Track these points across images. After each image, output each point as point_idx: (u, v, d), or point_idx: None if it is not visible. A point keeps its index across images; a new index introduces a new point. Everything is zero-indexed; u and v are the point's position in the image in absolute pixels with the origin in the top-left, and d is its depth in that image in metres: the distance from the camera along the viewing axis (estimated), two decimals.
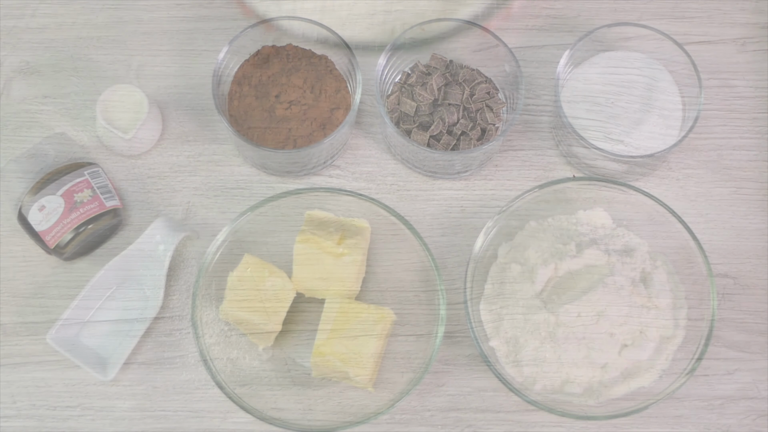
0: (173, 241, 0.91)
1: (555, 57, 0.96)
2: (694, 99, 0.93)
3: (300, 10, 0.99)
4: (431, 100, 0.94)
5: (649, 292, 0.87)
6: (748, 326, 0.93)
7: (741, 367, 0.91)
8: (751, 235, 0.95)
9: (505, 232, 0.92)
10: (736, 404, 0.90)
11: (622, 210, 0.92)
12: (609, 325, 0.85)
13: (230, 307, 0.86)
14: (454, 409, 0.90)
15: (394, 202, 0.95)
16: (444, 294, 0.88)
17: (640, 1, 1.03)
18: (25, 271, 0.93)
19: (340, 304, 0.87)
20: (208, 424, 0.89)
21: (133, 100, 0.94)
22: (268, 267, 0.88)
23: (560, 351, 0.85)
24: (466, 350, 0.91)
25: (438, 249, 0.94)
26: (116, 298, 0.91)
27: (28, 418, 0.89)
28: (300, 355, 0.91)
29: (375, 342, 0.85)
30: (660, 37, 0.94)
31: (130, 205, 0.95)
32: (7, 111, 0.98)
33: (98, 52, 1.00)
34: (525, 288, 0.87)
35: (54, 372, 0.91)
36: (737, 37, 1.02)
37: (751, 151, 0.98)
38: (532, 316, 0.86)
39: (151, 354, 0.91)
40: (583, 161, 0.95)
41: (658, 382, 0.87)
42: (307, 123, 0.93)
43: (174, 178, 0.96)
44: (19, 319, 0.92)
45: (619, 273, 0.86)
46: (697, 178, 0.97)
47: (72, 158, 0.92)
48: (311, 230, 0.88)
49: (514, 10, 1.00)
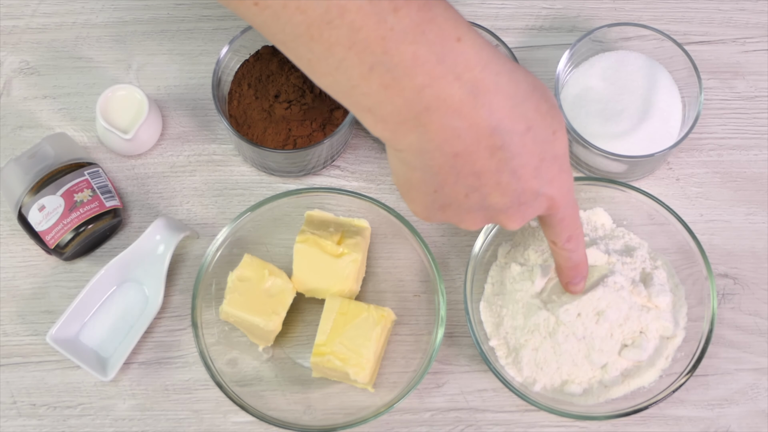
0: (173, 241, 0.91)
1: (555, 57, 0.96)
2: (694, 99, 0.93)
3: None
4: None
5: (649, 292, 0.87)
6: (748, 326, 0.93)
7: (741, 367, 0.91)
8: (751, 235, 0.95)
9: (505, 232, 0.92)
10: (736, 404, 0.90)
11: (622, 210, 0.92)
12: (609, 325, 0.85)
13: (230, 307, 0.86)
14: (454, 409, 0.90)
15: (394, 202, 0.95)
16: (444, 294, 0.88)
17: (640, 1, 1.03)
18: (25, 271, 0.93)
19: (340, 304, 0.87)
20: (208, 424, 0.89)
21: (133, 100, 0.94)
22: (268, 267, 0.88)
23: (560, 351, 0.85)
24: (466, 350, 0.91)
25: (438, 249, 0.94)
26: (116, 298, 0.91)
27: (28, 418, 0.89)
28: (300, 355, 0.91)
29: (375, 342, 0.85)
30: (660, 37, 0.94)
31: (130, 205, 0.95)
32: (7, 111, 0.98)
33: (98, 52, 1.00)
34: (525, 288, 0.87)
35: (54, 372, 0.91)
36: (737, 37, 1.02)
37: (751, 151, 0.98)
38: (532, 316, 0.86)
39: (151, 354, 0.91)
40: (583, 161, 0.95)
41: (658, 382, 0.87)
42: (307, 123, 0.93)
43: (174, 178, 0.96)
44: (19, 319, 0.92)
45: (619, 273, 0.86)
46: (697, 178, 0.97)
47: (72, 158, 0.92)
48: (311, 230, 0.88)
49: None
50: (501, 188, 0.66)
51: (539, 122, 0.66)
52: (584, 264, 0.79)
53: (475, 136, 0.64)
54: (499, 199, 0.67)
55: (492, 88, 0.63)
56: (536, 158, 0.66)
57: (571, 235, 0.74)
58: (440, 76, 0.62)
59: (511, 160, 0.65)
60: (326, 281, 0.88)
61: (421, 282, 0.91)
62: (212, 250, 0.89)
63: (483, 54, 0.64)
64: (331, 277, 0.88)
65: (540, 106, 0.66)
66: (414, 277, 0.91)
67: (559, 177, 0.68)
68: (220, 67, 0.93)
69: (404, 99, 0.63)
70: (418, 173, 0.67)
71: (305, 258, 0.88)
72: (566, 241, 0.74)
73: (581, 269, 0.78)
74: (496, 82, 0.64)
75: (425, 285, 0.90)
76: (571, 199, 0.71)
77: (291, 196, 0.90)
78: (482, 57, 0.63)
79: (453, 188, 0.67)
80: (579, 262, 0.77)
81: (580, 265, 0.78)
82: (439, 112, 0.63)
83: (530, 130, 0.65)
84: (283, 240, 0.92)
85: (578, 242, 0.75)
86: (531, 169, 0.66)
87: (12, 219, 0.92)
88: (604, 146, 0.92)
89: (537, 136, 0.66)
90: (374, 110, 0.64)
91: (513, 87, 0.64)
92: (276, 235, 0.92)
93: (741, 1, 1.03)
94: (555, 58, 0.96)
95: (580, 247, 0.76)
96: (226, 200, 0.96)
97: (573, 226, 0.73)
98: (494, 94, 0.63)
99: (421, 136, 0.64)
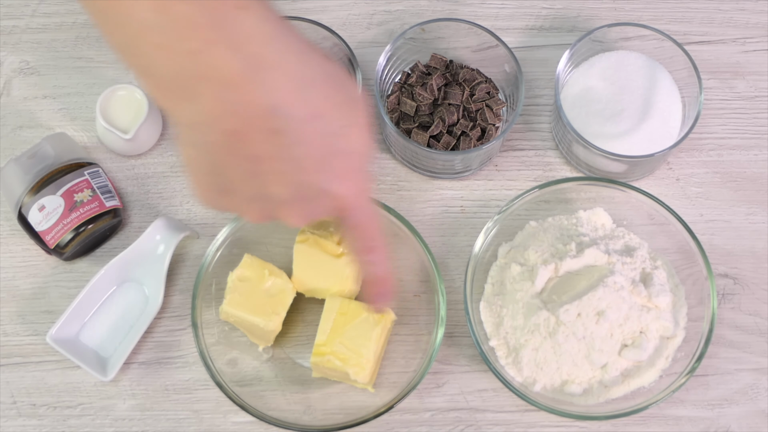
0: (173, 241, 0.91)
1: (555, 57, 0.96)
2: (694, 99, 0.93)
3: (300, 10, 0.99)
4: (431, 100, 0.94)
5: (649, 292, 0.87)
6: (748, 326, 0.93)
7: (741, 367, 0.91)
8: (751, 235, 0.95)
9: (505, 232, 0.92)
10: (736, 404, 0.90)
11: (622, 210, 0.92)
12: (609, 325, 0.85)
13: (230, 307, 0.86)
14: (454, 409, 0.90)
15: (394, 202, 0.95)
16: (444, 294, 0.88)
17: (640, 1, 1.03)
18: (25, 271, 0.93)
19: (340, 304, 0.86)
20: (208, 424, 0.89)
21: (133, 100, 0.94)
22: (268, 267, 0.88)
23: (560, 351, 0.85)
24: (466, 350, 0.91)
25: (438, 249, 0.94)
26: (116, 298, 0.91)
27: (28, 418, 0.89)
28: (300, 355, 0.91)
29: (375, 342, 0.85)
30: (660, 37, 0.94)
31: (130, 205, 0.95)
32: (7, 111, 0.98)
33: (98, 52, 1.00)
34: (525, 288, 0.87)
35: (54, 372, 0.91)
36: (737, 37, 1.02)
37: (751, 151, 0.98)
38: (532, 316, 0.86)
39: (151, 354, 0.91)
40: (583, 161, 0.95)
41: (658, 382, 0.87)
42: None
43: (174, 178, 0.96)
44: (19, 319, 0.92)
45: (619, 273, 0.86)
46: (697, 178, 0.97)
47: (72, 158, 0.92)
48: (311, 230, 0.88)
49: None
50: (280, 177, 0.60)
51: (329, 112, 0.60)
52: (389, 280, 0.71)
53: (252, 115, 0.58)
54: (278, 189, 0.61)
55: (274, 65, 0.58)
56: (322, 150, 0.60)
57: (371, 247, 0.67)
58: (214, 42, 0.57)
59: (291, 147, 0.59)
60: (326, 281, 0.88)
61: (421, 282, 0.91)
62: (212, 250, 0.89)
63: (268, 27, 0.58)
64: (331, 277, 0.88)
65: (333, 95, 0.60)
66: (414, 277, 0.91)
67: (351, 176, 0.62)
68: None
69: (178, 63, 0.57)
70: (194, 150, 0.62)
71: (305, 258, 0.88)
72: (364, 252, 0.67)
73: (385, 285, 0.70)
74: (280, 60, 0.58)
75: (425, 285, 0.90)
76: (365, 203, 0.65)
77: None
78: (266, 30, 0.58)
79: (231, 172, 0.61)
80: (382, 277, 0.69)
81: (383, 281, 0.70)
82: (211, 82, 0.58)
83: (317, 118, 0.59)
84: (283, 240, 0.92)
85: (380, 255, 0.68)
86: (315, 161, 0.60)
87: (12, 219, 0.92)
88: (604, 146, 0.92)
89: (326, 126, 0.60)
90: (150, 73, 0.59)
91: (301, 69, 0.59)
92: (276, 235, 0.92)
93: (741, 1, 1.03)
94: (555, 58, 0.96)
95: (383, 261, 0.68)
96: None
97: (371, 236, 0.67)
98: (276, 71, 0.57)
99: (195, 107, 0.59)
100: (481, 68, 0.97)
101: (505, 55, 0.94)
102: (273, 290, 0.87)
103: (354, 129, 0.62)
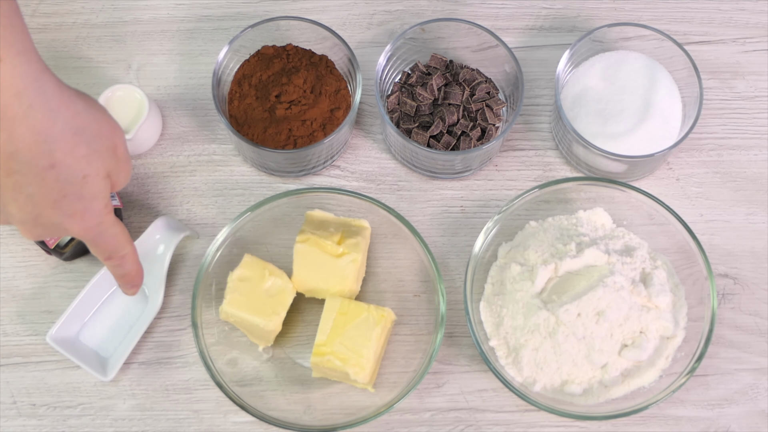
0: (173, 241, 0.91)
1: (555, 57, 0.96)
2: (694, 99, 0.93)
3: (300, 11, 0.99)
4: (431, 100, 0.94)
5: (649, 292, 0.87)
6: (748, 326, 0.93)
7: (741, 367, 0.92)
8: (751, 235, 0.95)
9: (505, 232, 0.92)
10: (736, 404, 0.90)
11: (622, 210, 0.92)
12: (609, 325, 0.85)
13: (230, 307, 0.86)
14: (454, 409, 0.90)
15: (394, 202, 0.95)
16: (444, 294, 0.88)
17: (640, 1, 1.03)
18: (25, 271, 0.93)
19: (340, 304, 0.87)
20: (208, 424, 0.89)
21: (133, 100, 0.94)
22: (268, 267, 0.88)
23: (560, 351, 0.85)
24: (466, 350, 0.91)
25: (438, 249, 0.94)
26: (116, 298, 0.91)
27: (28, 418, 0.89)
28: (300, 355, 0.91)
29: (375, 342, 0.85)
30: (660, 37, 0.94)
31: (130, 205, 0.95)
32: None
33: (98, 52, 1.00)
34: (525, 288, 0.87)
35: (54, 372, 0.91)
36: (737, 37, 1.02)
37: (751, 151, 0.98)
38: (532, 316, 0.86)
39: (151, 354, 0.91)
40: (583, 161, 0.95)
41: (658, 382, 0.87)
42: (307, 123, 0.93)
43: (174, 178, 0.96)
44: (19, 319, 0.92)
45: (619, 273, 0.86)
46: (697, 178, 0.97)
47: None
48: (311, 230, 0.89)
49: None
50: (17, 204, 0.69)
51: (68, 164, 0.68)
52: (133, 275, 0.81)
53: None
54: (14, 211, 0.70)
55: (19, 118, 0.65)
56: (56, 193, 0.69)
57: (110, 256, 0.77)
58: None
59: (26, 187, 0.68)
60: (326, 281, 0.88)
61: (421, 282, 0.91)
62: (212, 250, 0.89)
63: (20, 81, 0.65)
64: (331, 277, 0.88)
65: (76, 150, 0.68)
66: (414, 277, 0.91)
67: (82, 215, 0.71)
68: (220, 67, 0.93)
69: None
70: None
71: (305, 258, 0.88)
72: (106, 260, 0.77)
73: (128, 279, 0.80)
74: (26, 114, 0.65)
75: (425, 285, 0.90)
76: (97, 232, 0.74)
77: (291, 196, 0.90)
78: (17, 84, 0.64)
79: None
80: (125, 274, 0.79)
81: (126, 277, 0.80)
82: None
83: (54, 167, 0.68)
84: (283, 240, 0.92)
85: (121, 260, 0.78)
86: (50, 201, 0.69)
87: None
88: (604, 146, 0.92)
89: (61, 175, 0.68)
90: None
91: (46, 124, 0.66)
92: (276, 235, 0.92)
93: (741, 1, 1.03)
94: (555, 58, 0.96)
95: (125, 263, 0.78)
96: (226, 200, 0.96)
97: (108, 250, 0.76)
98: (20, 124, 0.65)
99: None
100: (481, 68, 0.97)
101: (505, 55, 0.94)
102: (273, 290, 0.87)
103: (89, 179, 0.70)
